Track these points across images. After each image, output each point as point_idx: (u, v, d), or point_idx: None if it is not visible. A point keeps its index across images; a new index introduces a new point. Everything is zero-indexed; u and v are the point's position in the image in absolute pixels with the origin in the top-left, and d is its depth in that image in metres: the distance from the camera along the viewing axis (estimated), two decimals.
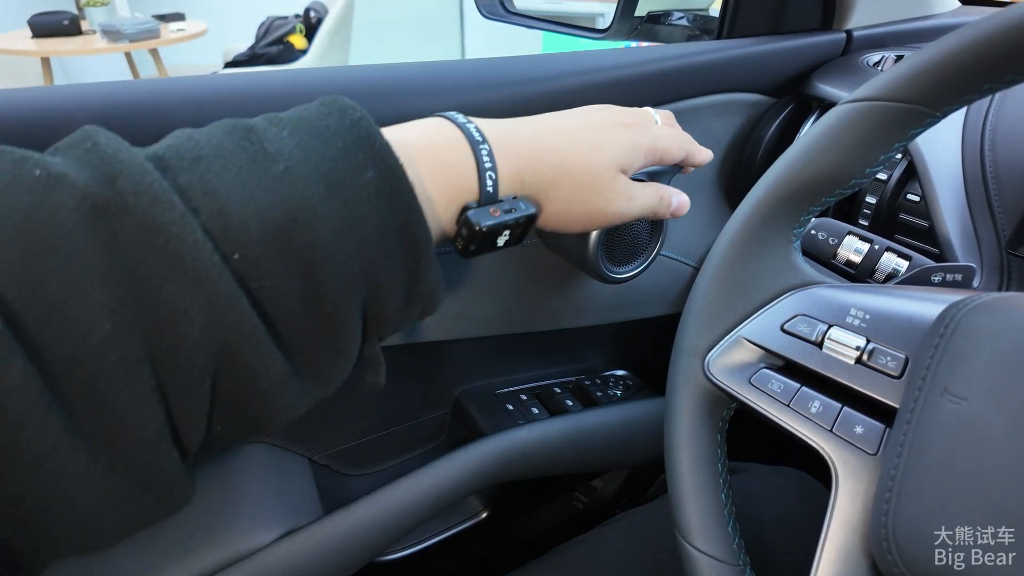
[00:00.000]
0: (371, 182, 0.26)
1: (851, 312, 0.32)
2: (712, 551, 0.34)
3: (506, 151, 0.33)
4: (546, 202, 0.34)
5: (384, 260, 0.27)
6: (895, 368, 0.30)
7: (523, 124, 0.35)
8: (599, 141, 0.36)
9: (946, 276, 0.37)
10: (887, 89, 0.30)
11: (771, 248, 0.35)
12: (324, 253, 0.25)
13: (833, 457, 0.30)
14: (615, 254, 0.47)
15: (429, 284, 0.29)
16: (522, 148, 0.33)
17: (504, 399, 0.61)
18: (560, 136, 0.35)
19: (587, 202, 0.35)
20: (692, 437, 0.36)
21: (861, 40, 0.61)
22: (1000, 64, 0.28)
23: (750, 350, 0.35)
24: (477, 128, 0.32)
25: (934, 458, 0.26)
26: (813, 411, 0.31)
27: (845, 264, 0.41)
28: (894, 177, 0.48)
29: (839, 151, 0.32)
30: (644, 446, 0.62)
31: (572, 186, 0.34)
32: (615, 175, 0.36)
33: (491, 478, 0.56)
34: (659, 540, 0.50)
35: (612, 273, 0.48)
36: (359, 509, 0.51)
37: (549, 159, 0.34)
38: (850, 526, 0.29)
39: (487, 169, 0.31)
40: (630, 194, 0.37)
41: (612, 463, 0.64)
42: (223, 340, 0.23)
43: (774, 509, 0.52)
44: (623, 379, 0.67)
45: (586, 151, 0.35)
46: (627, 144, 0.37)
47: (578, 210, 0.35)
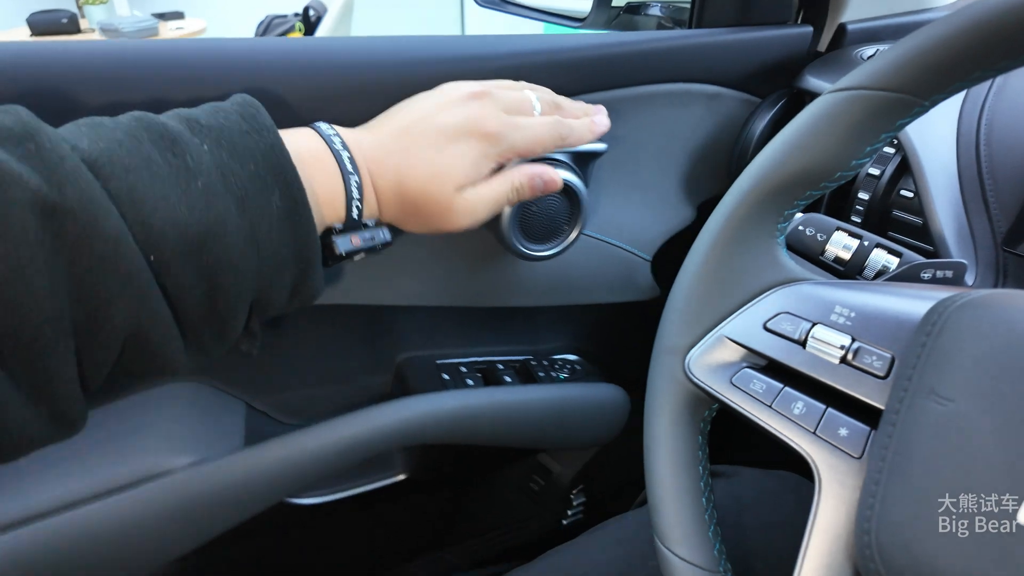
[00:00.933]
0: (276, 206, 0.31)
1: (836, 310, 0.31)
2: (692, 557, 0.33)
3: (372, 179, 0.36)
4: (401, 223, 0.38)
5: (277, 271, 0.32)
6: (881, 368, 0.28)
7: (384, 147, 0.37)
8: (437, 163, 0.37)
9: (936, 273, 0.36)
10: (873, 78, 0.29)
11: (754, 244, 0.34)
12: (228, 263, 0.29)
13: (816, 460, 0.29)
14: (531, 232, 0.49)
15: (312, 288, 0.34)
16: (385, 176, 0.37)
17: (443, 369, 0.62)
18: (405, 158, 0.37)
19: (434, 224, 0.38)
20: (672, 438, 0.34)
21: (855, 34, 0.59)
22: (989, 51, 0.27)
23: (732, 349, 0.33)
24: (351, 158, 0.35)
25: (919, 462, 0.24)
26: (796, 412, 0.30)
27: (834, 261, 0.39)
28: (887, 173, 0.47)
29: (824, 142, 0.31)
30: (580, 429, 0.62)
31: (418, 212, 0.38)
32: (454, 196, 0.38)
33: (406, 438, 0.57)
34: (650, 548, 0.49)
35: (528, 250, 0.49)
36: (270, 448, 0.53)
37: (402, 187, 0.37)
38: (833, 532, 0.28)
39: (354, 199, 0.35)
40: (473, 209, 0.39)
41: (543, 442, 0.64)
42: (139, 324, 0.28)
43: (767, 514, 0.51)
44: (572, 363, 0.67)
45: (424, 177, 0.37)
46: (472, 159, 0.38)
47: (427, 229, 0.39)
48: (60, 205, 0.25)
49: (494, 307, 0.59)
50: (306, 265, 0.33)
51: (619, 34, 0.54)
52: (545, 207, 0.48)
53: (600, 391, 0.64)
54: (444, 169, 0.37)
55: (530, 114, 0.41)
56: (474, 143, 0.38)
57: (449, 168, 0.37)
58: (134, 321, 0.27)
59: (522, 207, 0.48)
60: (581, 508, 0.76)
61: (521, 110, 0.41)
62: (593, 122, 0.45)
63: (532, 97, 0.42)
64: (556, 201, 0.49)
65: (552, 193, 0.46)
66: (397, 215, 0.38)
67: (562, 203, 0.49)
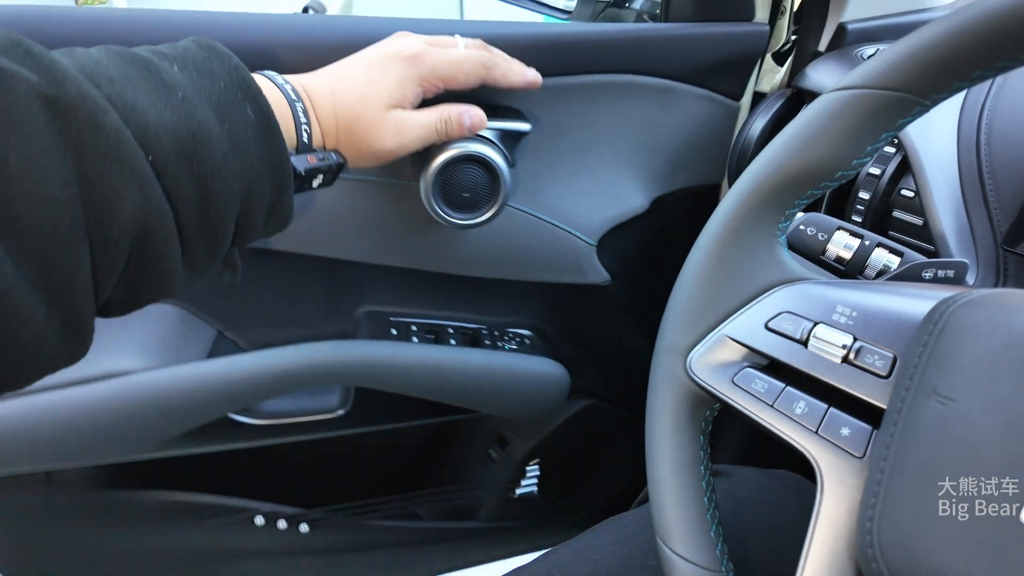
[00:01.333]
0: (250, 117, 0.33)
1: (837, 309, 0.31)
2: (693, 557, 0.33)
3: (312, 107, 0.39)
4: (342, 147, 0.41)
5: (258, 182, 0.33)
6: (882, 367, 0.28)
7: (322, 76, 0.41)
8: (365, 82, 0.41)
9: (938, 272, 0.36)
10: (874, 77, 0.29)
11: (756, 243, 0.34)
12: (215, 167, 0.31)
13: (818, 460, 0.29)
14: (452, 200, 0.53)
15: (286, 204, 0.36)
16: (323, 102, 0.40)
17: (395, 325, 0.66)
18: (339, 83, 0.41)
19: (365, 144, 0.41)
20: (673, 438, 0.34)
21: (855, 33, 0.59)
22: (990, 50, 0.26)
23: (733, 348, 0.33)
24: (293, 89, 0.38)
25: (920, 462, 0.24)
26: (798, 412, 0.30)
27: (835, 260, 0.39)
28: (887, 172, 0.47)
29: (825, 141, 0.31)
30: (512, 397, 0.65)
31: (351, 131, 0.41)
32: (383, 114, 0.41)
33: (337, 378, 0.62)
34: (648, 547, 0.49)
35: (450, 217, 0.53)
36: (214, 364, 0.59)
37: (336, 109, 0.40)
38: (835, 532, 0.28)
39: (302, 123, 0.38)
40: (401, 129, 0.42)
41: (474, 403, 0.67)
42: (145, 218, 0.28)
43: (767, 514, 0.51)
44: (523, 337, 0.70)
45: (355, 97, 0.41)
46: (396, 78, 0.42)
47: (362, 152, 0.41)
48: (62, 98, 0.25)
49: (458, 276, 0.63)
50: (280, 180, 0.35)
51: (575, 24, 0.57)
52: (465, 178, 0.52)
53: (539, 365, 0.66)
54: (371, 87, 0.41)
55: (454, 46, 0.46)
56: (399, 63, 0.42)
57: (376, 86, 0.41)
58: (141, 216, 0.28)
59: (443, 173, 0.51)
60: (535, 480, 0.80)
61: (444, 43, 0.45)
62: (525, 68, 0.48)
63: (458, 37, 0.47)
64: (476, 174, 0.52)
65: (473, 166, 0.51)
66: (337, 139, 0.41)
67: (482, 177, 0.52)
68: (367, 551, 0.80)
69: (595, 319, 0.70)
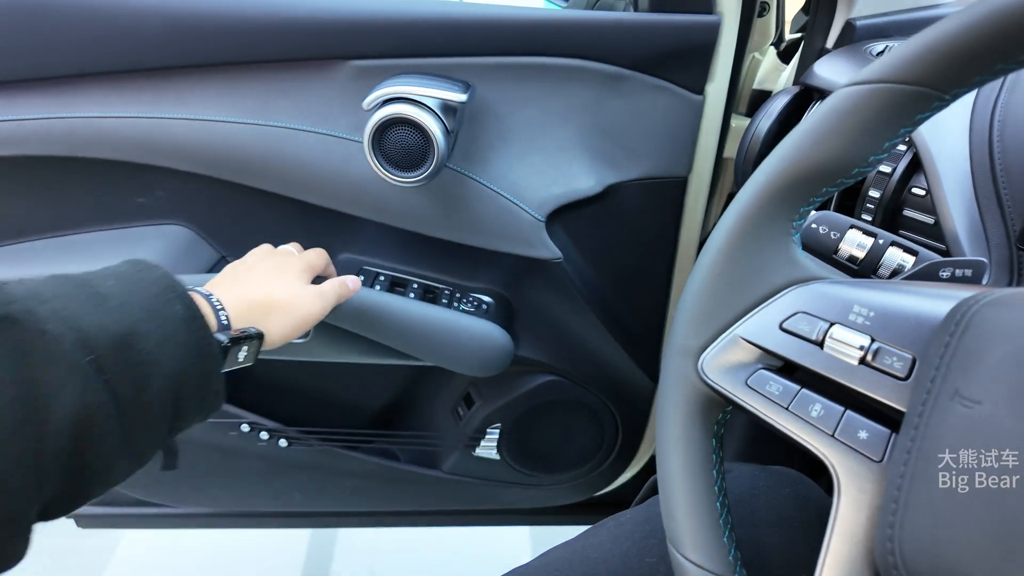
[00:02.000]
0: (179, 312, 0.39)
1: (854, 309, 0.30)
2: (706, 564, 0.32)
3: (229, 301, 0.47)
4: (269, 324, 0.49)
5: (188, 363, 0.39)
6: (901, 369, 0.28)
7: (232, 281, 0.51)
8: (276, 276, 0.52)
9: (955, 272, 0.35)
10: (892, 70, 0.28)
11: (769, 241, 0.33)
12: (149, 357, 0.36)
13: (835, 464, 0.28)
14: (393, 159, 0.58)
15: (216, 384, 0.41)
16: (236, 296, 0.48)
17: (363, 273, 0.72)
18: (252, 286, 0.50)
19: (291, 317, 0.50)
20: (685, 441, 0.34)
21: (864, 30, 0.59)
22: (1013, 42, 0.26)
23: (747, 350, 0.33)
24: (203, 289, 0.46)
25: (943, 467, 0.24)
26: (814, 415, 0.29)
27: (847, 260, 0.39)
28: (898, 170, 0.46)
29: (841, 137, 0.30)
30: (452, 352, 0.70)
31: (279, 314, 0.50)
32: (300, 289, 0.52)
33: None
34: (647, 544, 0.48)
35: (389, 174, 0.58)
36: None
37: (255, 305, 0.48)
38: (853, 538, 0.27)
39: (219, 310, 0.45)
40: (320, 293, 0.53)
41: (412, 351, 0.71)
42: (87, 410, 0.32)
43: (767, 511, 0.50)
44: (482, 302, 0.73)
45: (273, 287, 0.51)
46: (294, 270, 0.54)
47: (289, 324, 0.50)
48: (10, 315, 0.31)
49: (429, 236, 0.68)
50: (208, 359, 0.40)
51: (530, 8, 0.59)
52: (401, 138, 0.57)
53: (483, 327, 0.70)
54: (286, 276, 0.53)
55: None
56: (289, 260, 0.55)
57: (290, 275, 0.53)
58: (82, 409, 0.32)
59: (380, 132, 0.57)
60: (494, 443, 0.87)
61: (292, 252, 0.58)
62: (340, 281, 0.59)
63: (292, 247, 0.60)
64: (411, 136, 0.57)
65: (408, 128, 0.57)
66: (250, 320, 0.48)
67: (417, 139, 0.57)
68: (338, 476, 0.88)
69: (548, 294, 0.74)
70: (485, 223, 0.66)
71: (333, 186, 0.65)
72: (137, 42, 0.58)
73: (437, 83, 0.57)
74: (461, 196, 0.65)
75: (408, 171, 0.58)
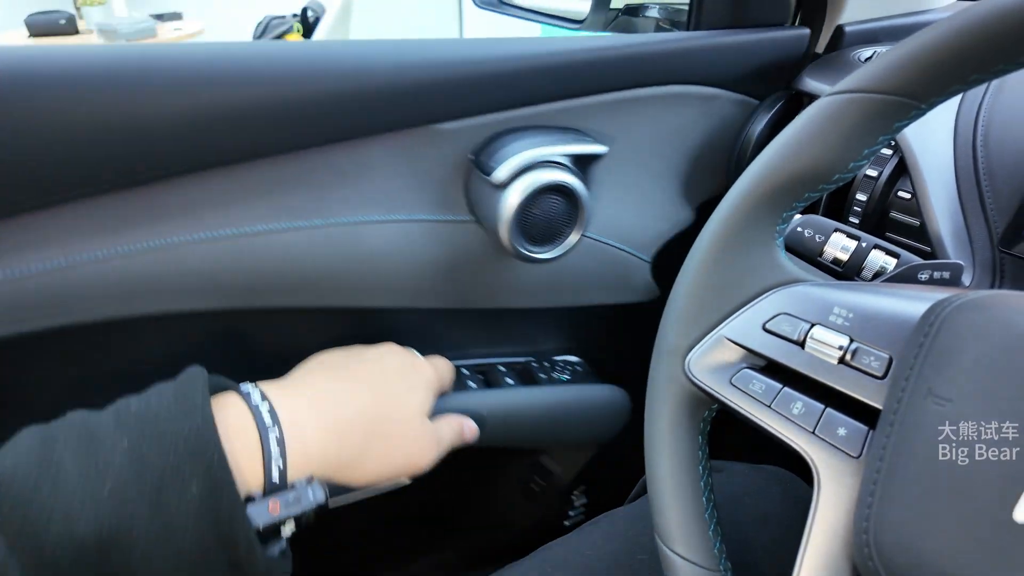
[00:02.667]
0: (194, 495, 0.29)
1: (834, 311, 0.31)
2: (693, 556, 0.33)
3: (302, 431, 0.33)
4: (357, 468, 0.35)
5: (199, 559, 0.29)
6: (879, 368, 0.29)
7: (322, 393, 0.36)
8: (403, 391, 0.38)
9: (934, 274, 0.36)
10: (871, 80, 0.29)
11: (753, 245, 0.34)
12: (138, 562, 0.28)
13: (815, 460, 0.29)
14: (533, 235, 0.50)
15: (257, 566, 0.30)
16: (323, 422, 0.34)
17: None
18: (364, 395, 0.36)
19: (400, 456, 0.37)
20: (672, 439, 0.35)
21: (853, 35, 0.60)
22: (987, 53, 0.27)
23: (732, 350, 0.34)
24: (271, 409, 0.33)
25: (917, 462, 0.25)
26: (795, 412, 0.30)
27: (832, 262, 0.40)
28: (884, 174, 0.47)
29: (822, 145, 0.31)
30: (579, 429, 0.63)
31: (386, 446, 0.36)
32: (423, 423, 0.38)
33: None
34: (639, 541, 0.49)
35: (531, 253, 0.50)
36: None
37: (357, 425, 0.35)
38: (832, 532, 0.28)
39: (274, 456, 0.32)
40: (438, 438, 0.39)
41: (543, 442, 0.65)
42: None
43: (756, 509, 0.51)
44: (573, 364, 0.67)
45: (395, 406, 0.37)
46: (424, 386, 0.40)
47: (393, 464, 0.37)
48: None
49: (497, 309, 0.59)
50: (233, 551, 0.30)
51: (616, 36, 0.54)
52: (546, 209, 0.49)
53: (600, 392, 0.64)
54: (409, 395, 0.38)
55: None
56: (417, 374, 0.41)
57: (412, 394, 0.39)
58: None
59: (524, 209, 0.48)
60: (583, 509, 0.77)
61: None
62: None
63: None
64: (557, 203, 0.49)
65: (553, 196, 0.48)
66: (358, 458, 0.35)
67: (563, 205, 0.49)
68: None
69: (641, 335, 0.67)
70: (589, 278, 0.60)
71: (411, 281, 0.54)
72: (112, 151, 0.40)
73: (562, 137, 0.50)
74: (563, 257, 0.55)
75: (549, 244, 0.50)
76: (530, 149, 0.47)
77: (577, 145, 0.50)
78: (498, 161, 0.47)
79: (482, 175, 0.49)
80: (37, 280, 0.41)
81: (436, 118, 0.48)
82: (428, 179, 0.50)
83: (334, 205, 0.48)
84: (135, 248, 0.43)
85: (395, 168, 0.49)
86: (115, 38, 2.71)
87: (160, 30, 2.91)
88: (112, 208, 0.42)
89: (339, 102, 0.44)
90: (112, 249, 0.43)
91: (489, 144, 0.49)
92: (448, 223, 0.53)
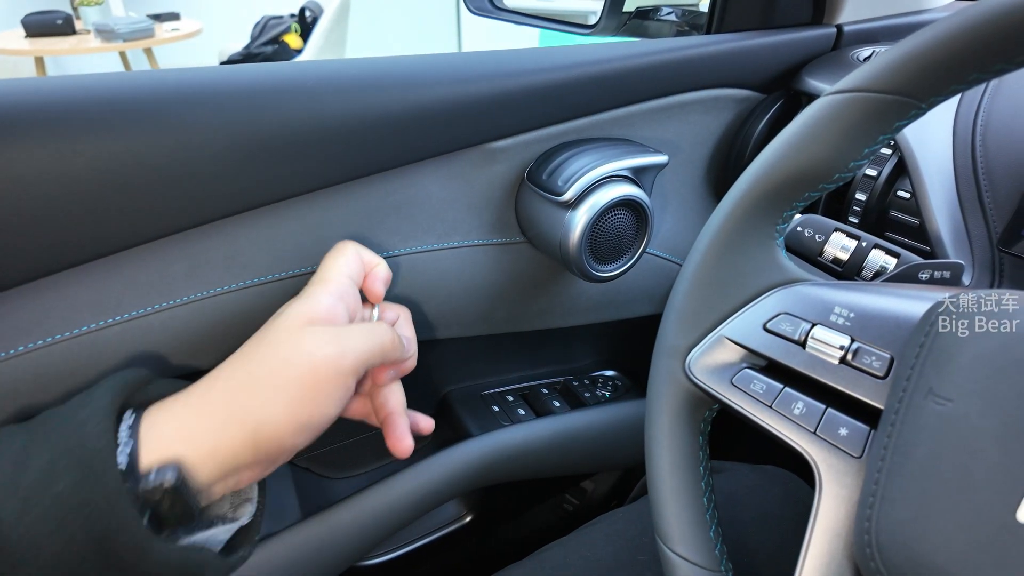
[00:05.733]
0: (63, 491, 0.26)
1: (835, 310, 0.31)
2: (693, 556, 0.33)
3: (156, 420, 0.30)
4: (267, 424, 0.31)
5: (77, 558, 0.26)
6: (880, 368, 0.29)
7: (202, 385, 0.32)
8: (268, 334, 0.33)
9: (934, 273, 0.36)
10: (870, 80, 0.29)
11: (754, 245, 0.34)
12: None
13: (816, 460, 0.29)
14: (600, 252, 0.48)
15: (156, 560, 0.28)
16: (185, 399, 0.31)
17: (490, 400, 0.61)
18: (230, 363, 0.32)
19: (295, 388, 0.31)
20: (673, 439, 0.35)
21: (852, 35, 0.60)
22: (987, 53, 0.27)
23: (732, 350, 0.34)
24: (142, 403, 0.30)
25: (918, 462, 0.25)
26: (796, 412, 0.30)
27: (832, 262, 0.40)
28: (884, 173, 0.48)
29: (822, 144, 0.31)
30: (631, 448, 0.62)
31: (266, 389, 0.31)
32: (296, 344, 0.32)
33: (474, 481, 0.55)
34: (639, 542, 0.50)
35: (597, 271, 0.48)
36: (338, 513, 0.51)
37: (219, 389, 0.31)
38: (833, 532, 0.28)
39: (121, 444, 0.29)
40: (342, 349, 0.33)
41: (598, 465, 0.64)
42: None
43: (757, 509, 0.51)
44: (612, 380, 0.67)
45: (258, 352, 0.33)
46: (295, 310, 0.34)
47: (290, 396, 0.31)
48: None
49: (534, 330, 0.57)
50: (115, 538, 0.27)
51: (645, 43, 0.53)
52: (614, 225, 0.47)
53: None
54: (270, 335, 0.34)
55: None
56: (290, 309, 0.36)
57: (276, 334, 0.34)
58: None
59: (592, 227, 0.46)
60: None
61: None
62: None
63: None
64: (624, 218, 0.48)
65: (621, 211, 0.47)
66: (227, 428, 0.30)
67: (629, 220, 0.48)
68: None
69: None
70: (634, 291, 0.59)
71: (461, 309, 0.51)
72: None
73: (625, 149, 0.48)
74: None
75: (612, 262, 0.49)
76: (599, 165, 0.46)
77: (640, 157, 0.48)
78: (565, 179, 0.45)
79: (542, 194, 0.47)
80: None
81: (490, 136, 0.46)
82: (480, 200, 0.48)
83: (385, 237, 0.45)
84: (178, 298, 0.39)
85: (449, 191, 0.47)
86: (112, 38, 2.71)
87: (157, 30, 2.90)
88: (156, 257, 0.38)
89: (397, 124, 0.42)
90: (160, 304, 0.39)
91: (546, 161, 0.48)
92: (499, 245, 0.51)
